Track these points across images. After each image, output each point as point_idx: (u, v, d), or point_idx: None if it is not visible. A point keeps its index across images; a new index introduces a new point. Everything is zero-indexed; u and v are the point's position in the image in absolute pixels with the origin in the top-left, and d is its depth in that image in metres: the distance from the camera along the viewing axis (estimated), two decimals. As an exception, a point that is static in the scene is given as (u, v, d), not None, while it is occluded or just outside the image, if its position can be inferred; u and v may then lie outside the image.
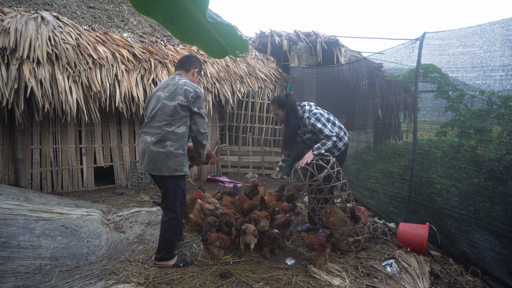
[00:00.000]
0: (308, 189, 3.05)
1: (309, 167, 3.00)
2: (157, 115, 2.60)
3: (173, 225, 2.65)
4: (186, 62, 2.86)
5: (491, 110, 3.00)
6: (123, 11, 6.56)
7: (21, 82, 4.09)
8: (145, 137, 2.64)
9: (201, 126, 2.63)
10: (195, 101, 2.60)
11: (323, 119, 3.18)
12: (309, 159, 3.07)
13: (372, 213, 3.95)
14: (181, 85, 2.62)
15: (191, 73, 2.86)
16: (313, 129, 3.18)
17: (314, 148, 3.12)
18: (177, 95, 2.58)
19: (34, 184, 4.83)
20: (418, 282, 2.41)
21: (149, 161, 2.59)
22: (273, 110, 3.37)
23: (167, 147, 2.56)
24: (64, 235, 2.99)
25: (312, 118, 3.18)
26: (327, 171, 2.95)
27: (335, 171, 3.00)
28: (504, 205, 2.54)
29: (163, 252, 2.69)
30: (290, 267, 2.75)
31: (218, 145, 6.67)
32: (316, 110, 3.25)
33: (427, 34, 3.27)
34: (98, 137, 5.33)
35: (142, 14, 2.13)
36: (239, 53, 2.28)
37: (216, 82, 5.99)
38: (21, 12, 4.66)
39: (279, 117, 3.36)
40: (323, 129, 3.13)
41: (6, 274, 2.38)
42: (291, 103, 3.25)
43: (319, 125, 3.14)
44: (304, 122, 3.24)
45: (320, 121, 3.16)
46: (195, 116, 2.62)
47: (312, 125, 3.17)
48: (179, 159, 2.60)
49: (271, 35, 7.55)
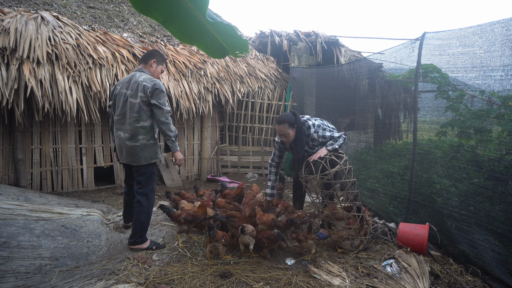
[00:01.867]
0: (319, 182, 3.04)
1: (322, 161, 3.00)
2: (127, 113, 2.88)
3: (145, 208, 2.91)
4: (146, 56, 3.07)
5: (491, 110, 3.00)
6: (123, 11, 6.56)
7: (21, 82, 4.09)
8: (119, 132, 2.95)
9: (161, 117, 2.83)
10: (153, 94, 2.81)
11: (327, 127, 3.27)
12: (323, 153, 3.07)
13: (372, 213, 3.96)
14: (140, 81, 2.84)
15: (149, 65, 3.04)
16: (324, 140, 3.20)
17: (328, 144, 3.15)
18: (138, 92, 2.83)
19: (34, 184, 4.83)
20: (418, 282, 2.41)
21: (127, 155, 2.92)
22: (281, 130, 3.12)
23: (139, 141, 2.87)
24: (64, 235, 2.99)
25: (319, 131, 3.21)
26: (339, 166, 2.96)
27: (347, 168, 3.01)
28: (504, 205, 2.54)
29: (136, 236, 2.95)
30: (290, 267, 2.75)
31: (218, 145, 6.67)
32: (317, 122, 3.29)
33: (427, 34, 3.27)
34: (98, 137, 5.33)
35: (142, 14, 2.13)
36: (239, 53, 2.28)
37: (216, 82, 5.99)
38: (21, 12, 4.66)
39: (288, 136, 3.14)
40: (333, 134, 3.20)
41: (6, 274, 2.38)
42: (299, 121, 3.17)
43: (327, 133, 3.20)
44: (313, 137, 3.23)
45: (327, 130, 3.23)
46: (154, 108, 2.84)
47: (323, 137, 3.19)
48: (152, 148, 2.93)
49: (271, 35, 7.55)
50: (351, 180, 3.03)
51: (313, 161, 3.05)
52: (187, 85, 5.55)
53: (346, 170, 3.02)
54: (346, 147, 5.31)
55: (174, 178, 5.87)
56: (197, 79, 5.76)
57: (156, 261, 2.80)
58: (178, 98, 5.30)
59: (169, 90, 5.21)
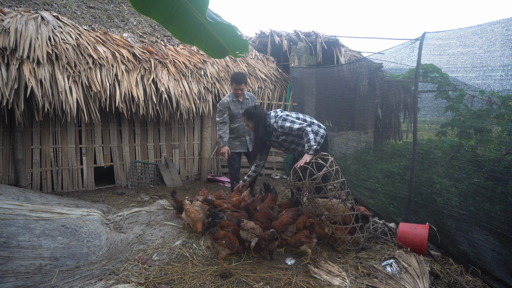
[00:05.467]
0: (309, 187, 3.05)
1: (309, 166, 3.01)
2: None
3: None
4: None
5: (491, 110, 3.00)
6: (123, 11, 6.56)
7: (21, 82, 4.09)
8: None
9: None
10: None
11: (290, 118, 3.44)
12: (308, 159, 3.12)
13: (372, 213, 3.96)
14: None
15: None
16: (284, 130, 3.44)
17: (305, 149, 3.23)
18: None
19: (34, 184, 4.83)
20: (418, 282, 2.42)
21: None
22: (244, 121, 3.74)
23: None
24: (64, 235, 2.99)
25: (279, 121, 3.46)
26: (325, 169, 2.96)
27: (334, 169, 3.01)
28: (504, 205, 2.54)
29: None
30: (290, 267, 2.75)
31: (218, 145, 6.67)
32: (282, 114, 3.53)
33: (427, 34, 3.27)
34: (98, 137, 5.33)
35: (142, 14, 2.13)
36: (239, 53, 2.28)
37: (216, 82, 5.99)
38: (21, 12, 4.66)
39: (249, 127, 3.71)
40: (292, 125, 3.38)
41: (6, 274, 2.38)
42: (258, 113, 3.57)
43: (287, 124, 3.40)
44: (274, 127, 3.52)
45: (287, 121, 3.42)
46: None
47: (281, 127, 3.43)
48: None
49: (271, 35, 7.55)
50: (340, 180, 3.04)
51: (300, 167, 3.08)
52: (187, 85, 5.55)
53: (334, 171, 3.02)
54: (346, 147, 5.31)
55: (174, 178, 5.87)
56: (197, 79, 5.76)
57: (156, 261, 2.80)
58: (178, 98, 5.30)
59: (169, 90, 5.21)
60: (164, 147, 6.01)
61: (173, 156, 6.12)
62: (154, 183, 5.82)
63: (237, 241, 2.78)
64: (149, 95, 5.04)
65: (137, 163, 5.68)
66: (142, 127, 5.77)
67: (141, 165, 5.74)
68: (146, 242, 3.17)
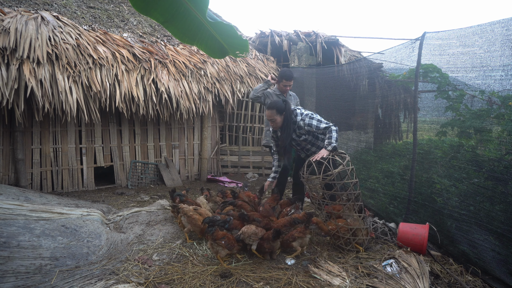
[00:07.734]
0: (321, 183, 3.03)
1: (325, 161, 2.99)
2: None
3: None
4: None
5: (491, 110, 3.00)
6: (123, 11, 6.56)
7: (21, 82, 4.09)
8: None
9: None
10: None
11: (315, 117, 3.37)
12: (325, 154, 3.07)
13: (372, 213, 3.96)
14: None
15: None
16: (310, 128, 3.33)
17: (326, 144, 3.15)
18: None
19: (34, 184, 4.83)
20: (418, 282, 2.41)
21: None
22: (270, 115, 3.38)
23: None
24: (64, 235, 2.99)
25: (306, 119, 3.35)
26: (341, 167, 2.95)
27: (350, 168, 3.00)
28: (504, 205, 2.54)
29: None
30: (290, 267, 2.75)
31: (218, 145, 6.67)
32: (307, 112, 3.43)
33: (427, 34, 3.27)
34: (98, 137, 5.33)
35: (142, 14, 2.13)
36: (239, 53, 2.27)
37: (216, 82, 5.99)
38: (21, 12, 4.66)
39: (275, 122, 3.39)
40: (319, 124, 3.28)
41: (6, 274, 2.38)
42: (289, 109, 3.40)
43: (314, 122, 3.30)
44: (299, 125, 3.39)
45: (314, 119, 3.33)
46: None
47: (309, 125, 3.32)
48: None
49: (271, 35, 7.55)
50: (353, 181, 3.02)
51: (315, 161, 3.05)
52: (187, 85, 5.55)
53: (349, 171, 3.00)
54: (346, 147, 5.31)
55: (174, 178, 5.87)
56: (197, 79, 5.76)
57: (156, 261, 2.80)
58: (178, 98, 5.30)
59: (169, 90, 5.21)
60: (164, 147, 6.02)
61: (173, 156, 6.13)
62: (154, 183, 5.82)
63: (236, 242, 2.78)
64: (149, 95, 5.04)
65: (137, 163, 5.68)
66: (142, 127, 5.77)
67: (141, 165, 5.74)
68: (146, 242, 3.17)
